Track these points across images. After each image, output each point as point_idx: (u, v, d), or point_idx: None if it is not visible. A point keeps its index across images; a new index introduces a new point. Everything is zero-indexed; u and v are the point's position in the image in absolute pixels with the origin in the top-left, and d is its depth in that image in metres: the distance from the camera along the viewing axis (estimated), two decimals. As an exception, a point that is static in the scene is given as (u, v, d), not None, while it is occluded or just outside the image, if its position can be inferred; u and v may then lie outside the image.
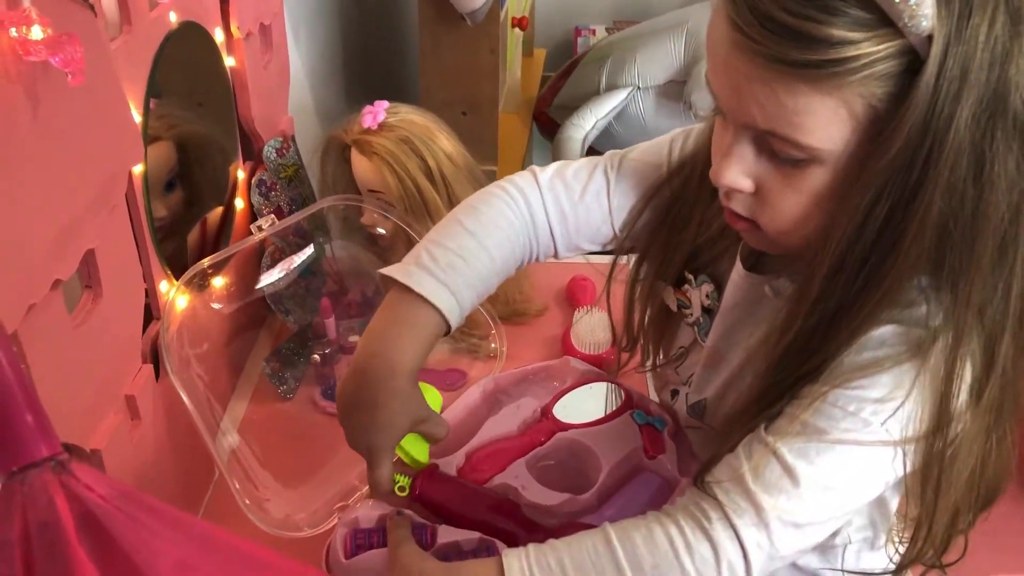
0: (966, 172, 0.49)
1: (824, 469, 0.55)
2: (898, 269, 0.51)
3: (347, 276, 1.15)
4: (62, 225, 0.59)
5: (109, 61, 0.66)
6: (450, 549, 0.64)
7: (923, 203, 0.49)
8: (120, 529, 0.33)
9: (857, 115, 0.49)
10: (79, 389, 0.65)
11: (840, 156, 0.51)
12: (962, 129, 0.47)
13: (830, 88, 0.48)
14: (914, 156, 0.48)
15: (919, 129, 0.48)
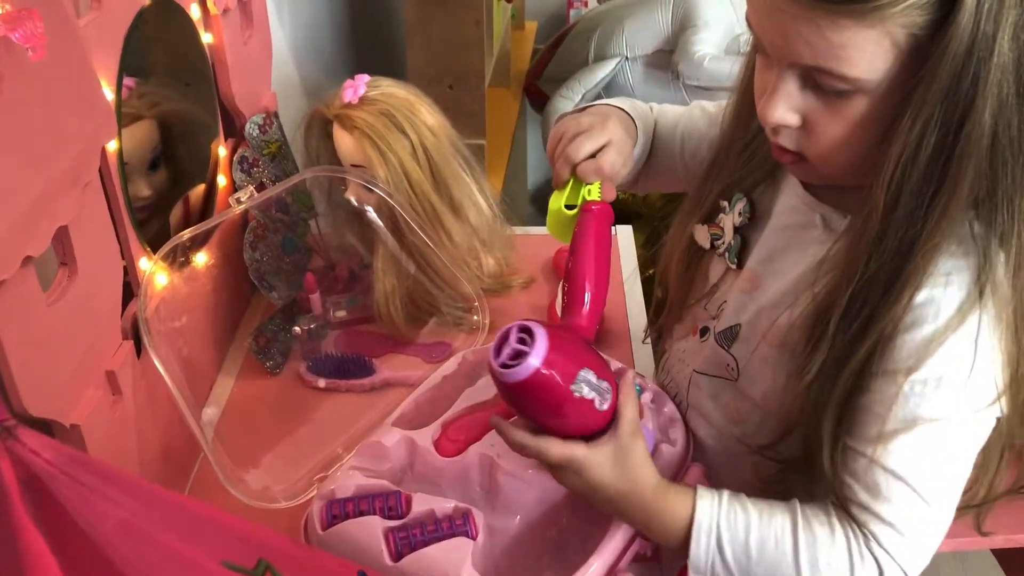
0: (1014, 89, 0.50)
1: (931, 458, 0.57)
2: (956, 197, 0.52)
3: (333, 252, 1.15)
4: (30, 201, 0.60)
5: (76, 37, 0.66)
6: (425, 517, 0.65)
7: (975, 125, 0.51)
8: (65, 492, 0.34)
9: (900, 45, 0.51)
10: (56, 365, 0.66)
11: (884, 84, 0.53)
12: (1006, 48, 0.49)
13: (873, 21, 0.50)
14: (961, 80, 0.50)
15: (964, 53, 0.49)
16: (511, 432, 0.61)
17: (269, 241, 1.04)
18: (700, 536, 0.60)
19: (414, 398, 0.78)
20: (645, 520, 0.62)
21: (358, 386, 0.99)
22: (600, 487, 0.61)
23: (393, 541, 0.62)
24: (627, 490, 0.61)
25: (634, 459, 0.61)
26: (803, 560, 0.59)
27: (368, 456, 0.72)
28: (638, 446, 0.62)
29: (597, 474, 0.60)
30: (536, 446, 0.60)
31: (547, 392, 0.60)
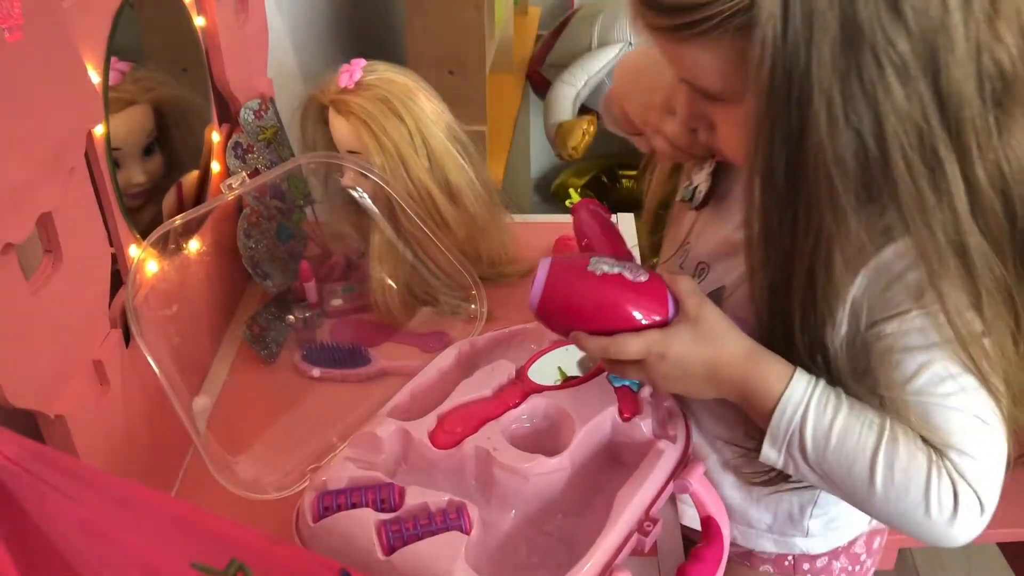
0: (849, 110, 0.50)
1: (963, 379, 0.57)
2: (830, 209, 0.52)
3: (329, 239, 1.14)
4: (10, 187, 0.58)
5: (59, 19, 0.64)
6: (419, 510, 0.64)
7: (813, 143, 0.51)
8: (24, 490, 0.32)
9: (734, 62, 0.53)
10: (40, 354, 0.65)
11: (740, 94, 0.54)
12: (826, 72, 0.49)
13: (701, 41, 0.53)
14: (786, 100, 0.50)
15: (781, 75, 0.50)
16: (588, 339, 0.61)
17: (264, 228, 1.02)
18: (787, 407, 0.58)
19: (409, 388, 0.76)
20: (741, 387, 0.60)
21: (354, 375, 0.97)
22: (690, 363, 0.60)
23: (385, 534, 0.61)
24: (716, 355, 0.60)
25: (712, 324, 0.61)
26: (881, 460, 0.57)
27: (362, 447, 0.70)
28: (710, 312, 0.61)
29: (681, 351, 0.60)
30: (614, 344, 0.60)
31: (573, 287, 0.62)
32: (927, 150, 0.50)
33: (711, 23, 0.51)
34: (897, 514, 0.59)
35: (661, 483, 0.66)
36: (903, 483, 0.57)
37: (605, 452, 0.72)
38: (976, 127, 0.51)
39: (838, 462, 0.58)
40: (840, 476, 0.59)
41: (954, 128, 0.51)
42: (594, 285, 0.62)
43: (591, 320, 0.62)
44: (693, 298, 0.61)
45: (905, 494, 0.58)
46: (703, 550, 0.64)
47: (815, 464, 0.59)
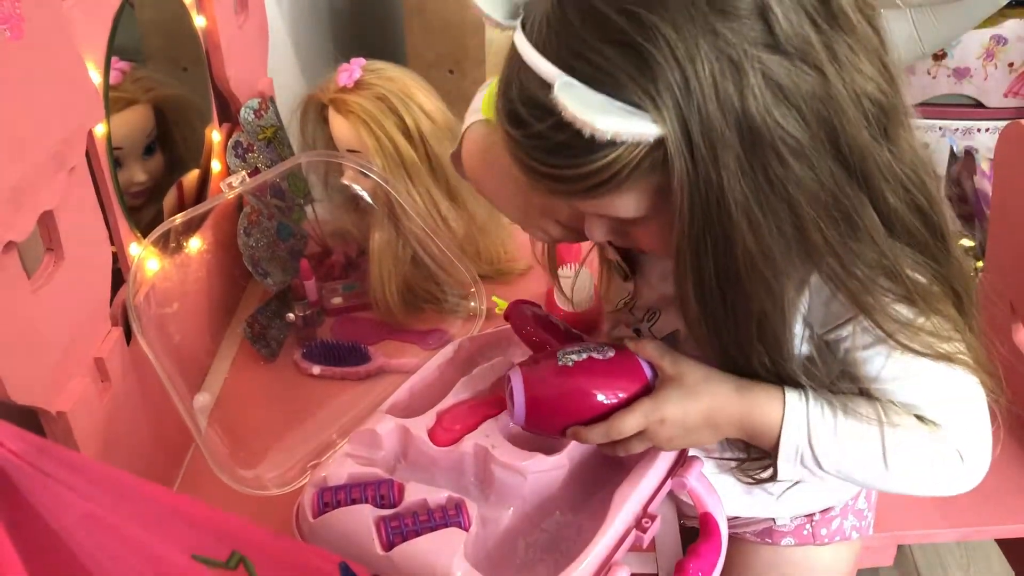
0: (767, 211, 0.51)
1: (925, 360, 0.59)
2: (766, 294, 0.54)
3: (329, 238, 1.14)
4: (12, 186, 0.59)
5: (59, 19, 0.65)
6: (418, 506, 0.64)
7: (740, 251, 0.52)
8: (29, 484, 0.33)
9: (652, 193, 0.53)
10: (42, 352, 0.65)
11: (660, 212, 0.54)
12: (737, 185, 0.50)
13: (617, 192, 0.52)
14: (707, 221, 0.51)
15: (699, 201, 0.50)
16: (586, 431, 0.61)
17: (264, 227, 1.03)
18: (791, 431, 0.60)
19: (408, 386, 0.77)
20: (742, 424, 0.61)
21: (353, 373, 0.98)
22: (689, 419, 0.61)
23: (385, 530, 0.61)
24: (710, 404, 0.61)
25: (695, 376, 0.61)
26: (889, 448, 0.60)
27: (361, 444, 0.71)
28: (687, 366, 0.62)
29: (677, 411, 0.60)
30: (612, 427, 0.61)
31: (553, 387, 0.62)
32: (842, 212, 0.52)
33: (623, 175, 0.51)
34: (912, 486, 0.63)
35: (659, 480, 0.66)
36: (913, 461, 0.62)
37: (603, 450, 0.72)
38: (879, 165, 0.52)
39: (852, 462, 0.61)
40: (856, 472, 0.62)
41: (862, 178, 0.52)
42: (572, 378, 0.63)
43: (582, 411, 0.62)
44: (666, 358, 0.62)
45: (917, 469, 0.62)
46: (701, 546, 0.65)
47: (831, 470, 0.61)
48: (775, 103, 0.48)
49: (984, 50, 1.60)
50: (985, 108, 1.66)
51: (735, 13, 0.47)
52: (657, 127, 0.48)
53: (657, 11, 0.47)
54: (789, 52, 0.48)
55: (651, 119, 0.48)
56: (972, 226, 1.30)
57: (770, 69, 0.48)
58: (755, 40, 0.48)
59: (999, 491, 0.88)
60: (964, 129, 1.65)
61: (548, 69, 0.50)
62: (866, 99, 0.51)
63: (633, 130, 0.48)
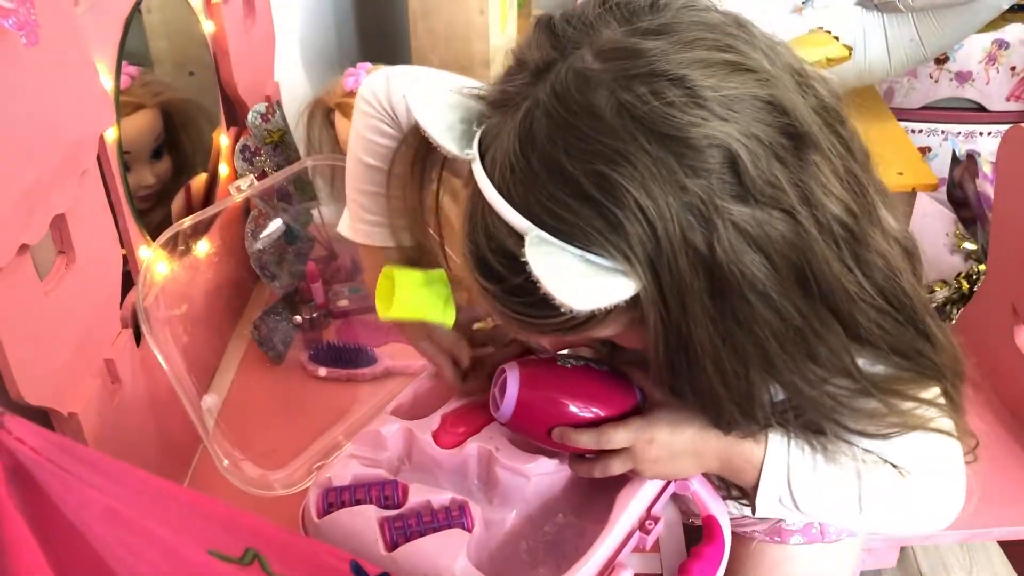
0: (736, 351, 0.51)
1: None
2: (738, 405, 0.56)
3: (336, 241, 1.15)
4: (25, 190, 0.59)
5: (73, 25, 0.66)
6: (421, 507, 0.65)
7: (710, 386, 0.53)
8: (50, 481, 0.34)
9: (628, 322, 0.53)
10: (53, 353, 0.66)
11: (637, 329, 0.54)
12: (705, 332, 0.50)
13: (594, 329, 0.53)
14: (679, 362, 0.52)
15: (672, 346, 0.51)
16: (576, 433, 0.61)
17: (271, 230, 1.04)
18: (771, 474, 0.60)
19: (413, 388, 0.77)
20: (724, 457, 0.61)
21: (359, 375, 0.99)
22: (676, 442, 0.61)
23: (388, 531, 0.62)
24: (698, 431, 0.61)
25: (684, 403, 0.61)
26: (864, 494, 0.61)
27: (366, 445, 0.71)
28: None
29: (666, 435, 0.61)
30: (603, 435, 0.61)
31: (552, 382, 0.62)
32: (805, 340, 0.52)
33: (599, 318, 0.50)
34: (887, 527, 0.67)
35: (662, 482, 0.67)
36: (888, 505, 0.63)
37: (607, 451, 0.73)
38: (848, 293, 0.52)
39: (829, 504, 0.62)
40: (833, 514, 0.65)
41: (831, 307, 0.52)
42: (571, 376, 0.63)
43: (572, 414, 0.62)
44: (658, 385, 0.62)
45: (891, 513, 0.64)
46: (704, 548, 0.65)
47: (808, 510, 0.62)
48: (743, 251, 0.48)
49: (986, 54, 1.61)
50: (987, 112, 1.67)
51: (704, 168, 0.47)
52: (632, 284, 0.48)
53: (625, 170, 0.46)
54: (758, 200, 0.48)
55: (624, 275, 0.48)
56: (974, 229, 1.31)
57: (739, 219, 0.47)
58: (724, 192, 0.47)
59: (1002, 493, 0.89)
60: (966, 133, 1.66)
61: (517, 220, 0.49)
62: (836, 225, 0.50)
63: (610, 297, 0.48)
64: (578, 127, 0.47)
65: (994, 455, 0.94)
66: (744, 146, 0.47)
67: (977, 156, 1.28)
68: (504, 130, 0.50)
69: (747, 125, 0.47)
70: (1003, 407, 0.99)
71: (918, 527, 0.67)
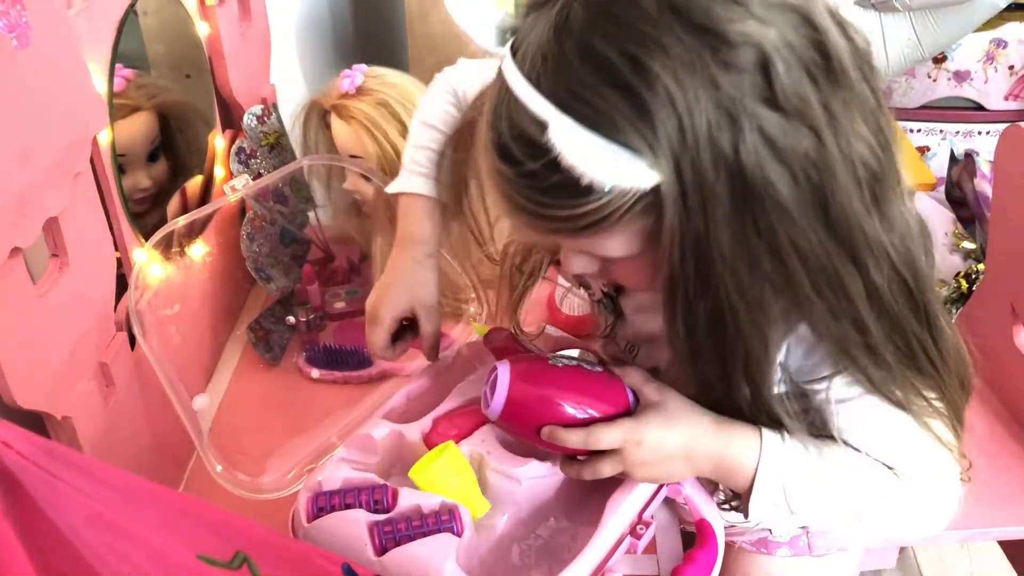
0: (753, 263, 0.51)
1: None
2: (754, 335, 0.54)
3: (332, 243, 1.15)
4: (18, 192, 0.59)
5: (66, 27, 0.66)
6: (411, 511, 0.64)
7: (727, 299, 0.52)
8: (38, 485, 0.33)
9: (641, 235, 0.53)
10: (47, 357, 0.66)
11: (648, 251, 0.54)
12: (725, 237, 0.49)
13: (606, 232, 0.52)
14: (695, 270, 0.51)
15: (688, 251, 0.50)
16: (565, 432, 0.61)
17: (267, 232, 1.04)
18: (766, 475, 0.59)
19: (406, 392, 0.77)
20: (717, 460, 0.61)
21: (355, 377, 0.98)
22: (667, 445, 0.60)
23: (378, 535, 0.61)
24: (690, 433, 0.60)
25: (677, 404, 0.61)
26: (859, 499, 0.61)
27: (357, 449, 0.71)
28: (671, 394, 0.62)
29: (656, 434, 0.60)
30: (591, 435, 0.60)
31: (541, 380, 0.62)
32: (828, 274, 0.52)
33: (614, 218, 0.50)
34: (878, 531, 0.66)
35: (654, 487, 0.66)
36: (880, 510, 0.62)
37: (600, 455, 0.73)
38: (867, 236, 0.52)
39: (823, 506, 0.62)
40: (827, 516, 0.64)
41: (849, 248, 0.52)
42: (562, 375, 0.63)
43: (563, 413, 0.61)
44: (649, 385, 0.62)
45: (884, 517, 0.63)
46: (697, 552, 0.65)
47: (802, 512, 0.61)
48: (768, 160, 0.48)
49: (984, 53, 1.60)
50: (985, 111, 1.66)
51: (737, 66, 0.46)
52: (654, 174, 0.48)
53: (659, 58, 0.46)
54: (787, 110, 0.47)
55: (648, 165, 0.47)
56: (973, 228, 1.30)
57: (766, 125, 0.47)
58: (754, 94, 0.47)
59: (1002, 493, 0.89)
60: (964, 132, 1.65)
61: (543, 107, 0.48)
62: (860, 164, 0.50)
63: (631, 179, 0.47)
64: (616, 12, 0.47)
65: (994, 455, 0.93)
66: (779, 52, 0.47)
67: (975, 155, 1.28)
68: (538, 25, 0.51)
69: (783, 33, 0.47)
70: (1003, 407, 0.99)
71: (909, 532, 0.66)
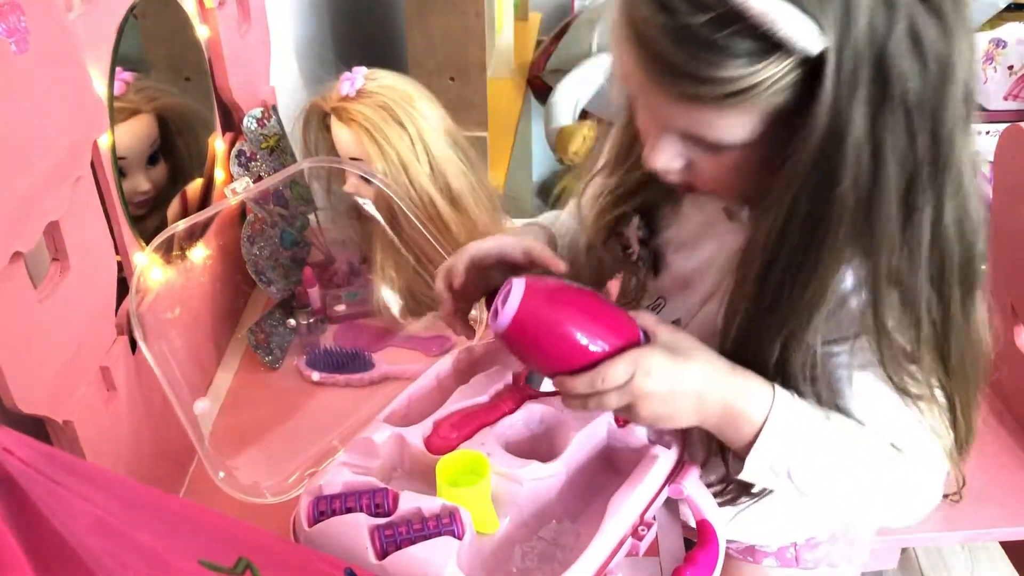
0: (868, 157, 0.52)
1: None
2: (831, 249, 0.55)
3: (332, 246, 1.15)
4: (19, 197, 0.59)
5: (65, 32, 0.66)
6: (412, 515, 0.64)
7: (838, 190, 0.53)
8: (38, 492, 0.33)
9: (768, 117, 0.53)
10: (48, 361, 0.66)
11: (757, 141, 0.55)
12: (860, 122, 0.50)
13: (740, 108, 0.52)
14: (824, 153, 0.52)
15: (825, 130, 0.51)
16: (572, 379, 0.59)
17: (267, 235, 1.04)
18: (775, 428, 0.58)
19: (407, 395, 0.77)
20: (725, 405, 0.59)
21: (357, 380, 0.98)
22: (676, 380, 0.58)
23: (378, 539, 0.61)
24: (703, 375, 0.59)
25: (689, 343, 0.60)
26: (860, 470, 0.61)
27: (358, 452, 0.71)
28: (683, 335, 0.61)
29: (666, 369, 0.58)
30: (599, 373, 0.58)
31: (558, 297, 0.61)
32: (910, 196, 0.53)
33: (758, 89, 0.50)
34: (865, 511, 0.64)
35: (656, 488, 0.66)
36: (874, 486, 0.63)
37: (600, 458, 0.72)
38: (958, 163, 0.53)
39: (818, 477, 0.61)
40: (819, 487, 0.61)
41: (939, 171, 0.53)
42: (579, 295, 0.62)
43: (572, 336, 0.59)
44: (661, 326, 0.62)
45: (876, 494, 0.64)
46: (698, 553, 0.65)
47: (797, 480, 0.60)
48: (909, 54, 0.49)
49: (984, 53, 1.60)
50: (985, 111, 1.66)
51: None
52: (821, 41, 0.49)
53: None
54: (936, 10, 0.49)
55: (818, 32, 0.48)
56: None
57: (918, 20, 0.49)
58: None
59: (1003, 494, 0.89)
60: (964, 133, 1.65)
61: None
62: (965, 87, 0.52)
63: (802, 41, 0.48)
64: None
65: (994, 455, 0.93)
66: None
67: (975, 156, 1.28)
68: None
69: None
70: (1003, 407, 0.99)
71: (893, 518, 0.66)
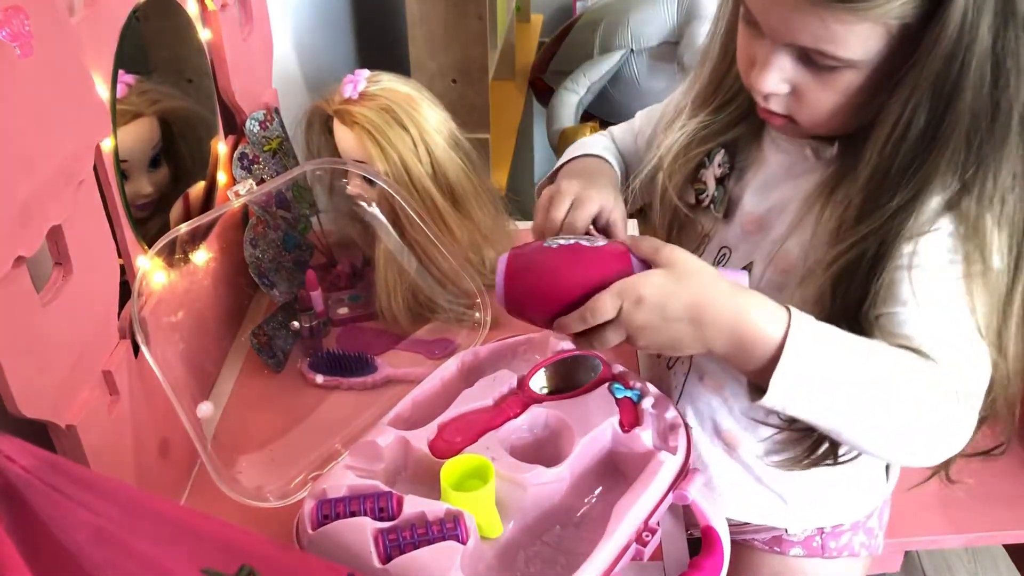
0: (990, 72, 0.54)
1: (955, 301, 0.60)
2: (937, 166, 0.57)
3: (335, 248, 1.15)
4: (21, 201, 0.59)
5: (68, 35, 0.66)
6: (416, 519, 0.64)
7: (958, 104, 0.55)
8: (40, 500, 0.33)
9: (892, 31, 0.56)
10: (51, 365, 0.66)
11: (874, 62, 0.58)
12: (985, 35, 0.53)
13: (871, 15, 0.55)
14: (950, 66, 0.54)
15: (954, 41, 0.54)
16: (567, 319, 0.59)
17: (270, 238, 1.04)
18: (794, 352, 0.54)
19: (411, 398, 0.77)
20: (733, 328, 0.55)
21: (360, 383, 0.98)
22: (670, 305, 0.55)
23: (382, 543, 0.61)
24: (699, 293, 0.55)
25: (690, 264, 0.57)
26: (888, 393, 0.56)
27: (362, 456, 0.71)
28: (685, 255, 0.58)
29: (658, 291, 0.55)
30: (588, 309, 0.57)
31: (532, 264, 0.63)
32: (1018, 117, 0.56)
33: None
34: (899, 433, 0.58)
35: (660, 494, 0.66)
36: (905, 410, 0.57)
37: (605, 463, 0.72)
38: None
39: (850, 395, 0.56)
40: (850, 408, 0.57)
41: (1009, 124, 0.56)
42: (551, 256, 0.63)
43: (555, 290, 0.59)
44: (662, 249, 0.58)
45: (906, 420, 0.57)
46: (702, 560, 0.65)
47: (823, 400, 0.56)
48: None
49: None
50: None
51: None
52: None
53: None
54: None
55: None
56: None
57: None
58: None
59: (1007, 497, 0.89)
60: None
61: None
62: None
63: None
64: None
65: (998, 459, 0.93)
66: None
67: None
68: None
69: None
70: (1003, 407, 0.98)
71: (920, 451, 0.59)
